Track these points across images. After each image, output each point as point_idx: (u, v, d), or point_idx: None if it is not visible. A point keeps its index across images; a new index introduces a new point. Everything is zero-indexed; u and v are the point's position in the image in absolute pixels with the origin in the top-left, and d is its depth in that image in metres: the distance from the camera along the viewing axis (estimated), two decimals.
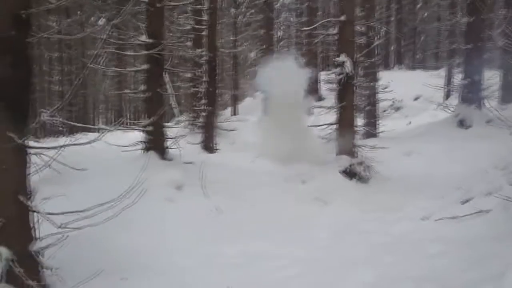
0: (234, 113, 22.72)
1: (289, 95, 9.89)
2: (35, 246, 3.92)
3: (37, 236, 4.02)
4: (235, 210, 6.75)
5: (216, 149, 12.72)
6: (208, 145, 12.65)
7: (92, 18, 26.45)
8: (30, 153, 3.90)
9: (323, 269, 4.80)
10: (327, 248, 5.40)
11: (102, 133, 4.40)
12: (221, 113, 18.40)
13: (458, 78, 13.30)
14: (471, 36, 12.19)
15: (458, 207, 6.62)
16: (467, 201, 6.76)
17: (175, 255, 5.08)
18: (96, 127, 7.14)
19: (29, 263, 3.84)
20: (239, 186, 8.00)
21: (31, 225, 3.96)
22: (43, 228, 4.04)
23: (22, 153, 3.76)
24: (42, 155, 4.07)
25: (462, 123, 12.01)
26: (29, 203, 3.85)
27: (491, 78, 13.07)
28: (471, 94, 12.20)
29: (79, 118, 27.28)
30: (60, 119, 4.60)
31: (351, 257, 5.06)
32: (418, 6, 30.88)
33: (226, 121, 16.25)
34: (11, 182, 3.72)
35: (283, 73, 9.78)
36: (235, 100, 23.07)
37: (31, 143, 3.96)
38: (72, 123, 6.36)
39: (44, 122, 3.81)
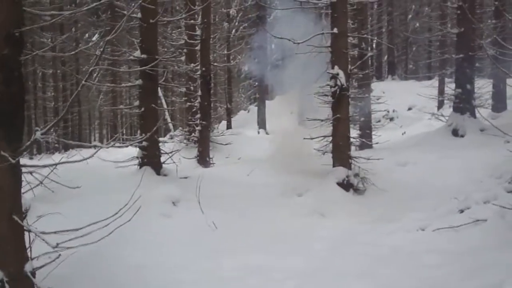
0: (229, 126, 22.75)
1: None
2: (30, 266, 3.87)
3: (32, 255, 3.97)
4: (232, 224, 6.72)
5: (212, 163, 12.70)
6: (204, 160, 12.63)
7: (86, 35, 26.53)
8: (23, 172, 3.87)
9: (321, 281, 4.77)
10: (324, 260, 5.37)
11: (98, 149, 4.37)
12: (215, 127, 18.41)
13: (450, 87, 13.41)
14: (461, 46, 12.33)
15: (455, 216, 6.61)
16: (463, 210, 6.75)
17: (173, 270, 5.04)
18: (90, 145, 7.10)
19: (23, 283, 3.78)
20: (236, 200, 7.98)
21: (26, 244, 3.91)
22: (37, 247, 3.99)
23: (16, 172, 3.73)
24: (35, 173, 4.06)
25: (456, 132, 12.09)
26: (23, 222, 3.81)
27: (483, 87, 13.20)
28: (464, 103, 12.30)
29: (74, 135, 27.19)
30: (54, 137, 4.57)
31: (349, 269, 5.04)
32: (409, 17, 31.22)
33: (221, 135, 16.25)
34: (5, 201, 3.68)
35: None
36: (229, 113, 23.11)
37: (25, 161, 3.93)
38: (66, 140, 6.29)
39: (38, 140, 3.78)
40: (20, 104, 3.73)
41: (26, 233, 3.92)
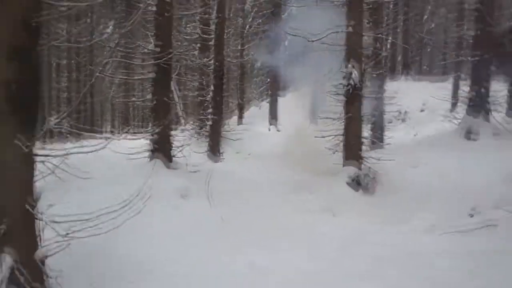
0: (240, 122, 22.76)
1: None
2: (40, 254, 3.91)
3: (42, 243, 4.01)
4: (241, 220, 6.72)
5: (222, 158, 12.72)
6: (214, 154, 12.64)
7: (101, 26, 26.66)
8: (36, 160, 3.90)
9: (329, 280, 4.75)
10: (333, 259, 5.35)
11: (109, 141, 4.40)
12: (227, 122, 18.42)
13: (464, 89, 13.25)
14: (478, 48, 12.16)
15: (465, 220, 6.57)
16: (474, 214, 6.71)
17: (180, 263, 5.06)
18: (103, 135, 7.16)
19: (32, 270, 3.82)
20: (245, 195, 7.98)
21: (36, 232, 3.95)
22: (47, 235, 4.04)
23: (29, 159, 3.76)
24: (47, 163, 4.08)
25: (468, 136, 11.94)
26: (35, 210, 3.84)
27: (498, 90, 13.03)
28: (478, 106, 12.15)
29: (86, 125, 27.37)
30: (67, 126, 4.61)
31: (357, 270, 5.01)
32: (425, 17, 30.90)
33: (232, 130, 16.26)
34: (18, 190, 3.72)
35: None
36: (241, 109, 23.11)
37: (38, 149, 3.96)
38: (78, 131, 6.37)
39: (51, 128, 3.81)
40: (36, 93, 3.76)
41: (37, 221, 3.96)
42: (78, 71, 27.52)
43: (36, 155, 3.86)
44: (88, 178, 4.31)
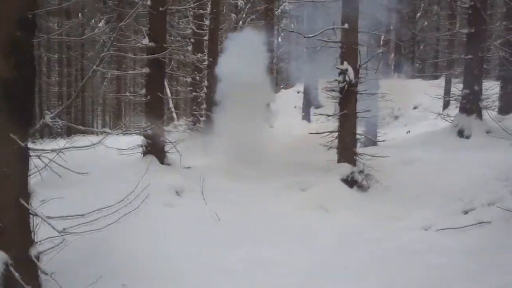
0: None
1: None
2: (35, 250, 3.86)
3: (36, 240, 3.96)
4: (235, 217, 6.70)
5: (215, 155, 12.64)
6: (207, 150, 12.57)
7: (92, 21, 26.43)
8: (31, 155, 3.85)
9: (325, 277, 4.75)
10: (328, 256, 5.35)
11: (104, 136, 4.36)
12: None
13: (457, 88, 13.32)
14: (471, 47, 12.21)
15: (459, 217, 6.60)
16: (468, 211, 6.74)
17: (175, 261, 5.02)
18: (99, 130, 7.09)
19: (27, 267, 3.77)
20: (239, 192, 7.97)
21: (31, 229, 3.90)
22: (41, 232, 3.98)
23: (24, 155, 3.70)
24: (42, 158, 4.03)
25: (461, 133, 12.02)
26: (29, 206, 3.79)
27: (490, 88, 13.11)
28: (471, 104, 12.22)
29: (77, 121, 27.18)
30: (63, 122, 4.56)
31: (353, 266, 5.02)
32: (418, 15, 31.00)
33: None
34: (13, 185, 3.65)
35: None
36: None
37: (31, 145, 3.91)
38: (75, 126, 6.31)
39: (47, 124, 3.76)
40: (31, 88, 3.70)
41: (31, 217, 3.90)
42: (69, 66, 27.29)
43: (32, 149, 3.80)
44: (84, 173, 4.25)
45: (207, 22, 13.36)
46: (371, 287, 4.56)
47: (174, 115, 21.57)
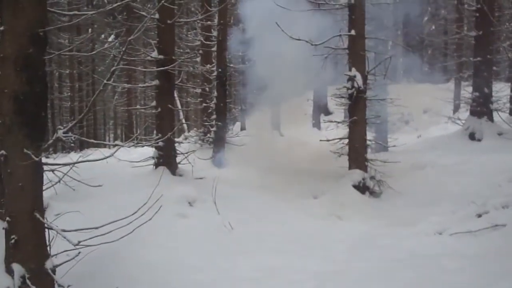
0: (243, 128, 22.75)
1: None
2: (50, 263, 3.91)
3: (52, 253, 4.01)
4: (248, 225, 6.72)
5: (227, 164, 12.68)
6: (219, 160, 12.62)
7: (102, 36, 26.78)
8: (45, 170, 3.91)
9: (339, 284, 4.74)
10: (342, 263, 5.34)
11: (116, 149, 4.42)
12: (230, 128, 18.41)
13: (467, 91, 13.26)
14: (480, 49, 12.16)
15: (473, 221, 6.53)
16: (482, 215, 6.67)
17: (189, 271, 5.05)
18: (111, 143, 7.19)
19: (43, 280, 3.82)
20: (251, 201, 7.98)
21: (46, 242, 3.95)
22: (57, 245, 4.04)
23: (38, 170, 3.77)
24: (56, 172, 4.10)
25: (473, 136, 11.94)
26: (44, 220, 3.85)
27: (501, 90, 13.02)
28: (481, 107, 12.14)
29: (89, 135, 27.42)
30: (76, 136, 4.63)
31: (367, 273, 5.00)
32: (425, 19, 30.93)
33: (236, 136, 16.23)
34: (28, 199, 3.72)
35: None
36: (244, 115, 23.09)
37: (45, 159, 3.98)
38: (88, 139, 6.40)
39: (60, 138, 3.82)
40: (44, 103, 3.78)
41: (47, 230, 3.96)
42: (80, 81, 27.61)
43: (46, 164, 3.87)
44: (98, 186, 4.31)
45: (215, 33, 13.47)
46: None
47: (185, 126, 21.70)
